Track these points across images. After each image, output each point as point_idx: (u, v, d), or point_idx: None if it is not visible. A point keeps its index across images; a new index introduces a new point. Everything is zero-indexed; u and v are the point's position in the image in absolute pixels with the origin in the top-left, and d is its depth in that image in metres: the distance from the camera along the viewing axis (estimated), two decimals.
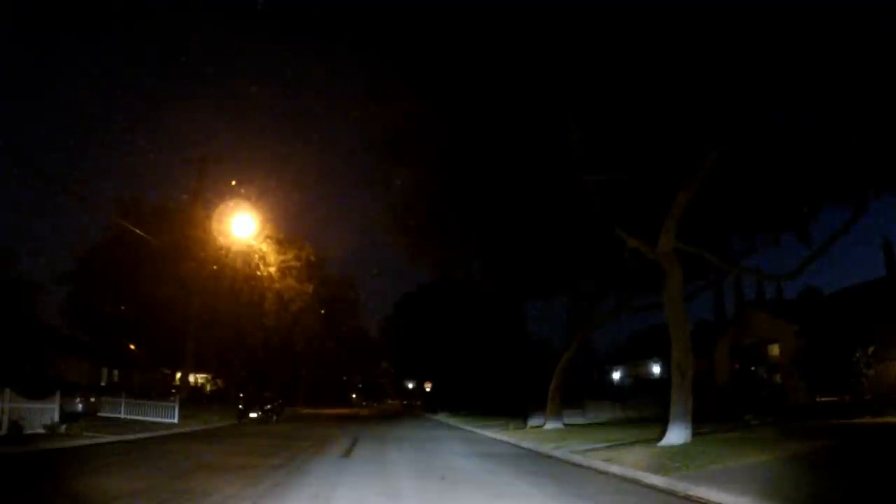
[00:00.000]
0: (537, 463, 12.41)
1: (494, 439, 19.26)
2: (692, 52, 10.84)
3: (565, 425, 21.36)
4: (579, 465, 11.68)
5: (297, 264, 35.72)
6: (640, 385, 37.46)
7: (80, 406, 18.71)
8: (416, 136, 14.84)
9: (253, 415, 26.76)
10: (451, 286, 38.99)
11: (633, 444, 13.41)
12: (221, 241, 27.11)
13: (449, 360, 44.89)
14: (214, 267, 29.55)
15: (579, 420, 23.74)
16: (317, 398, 58.06)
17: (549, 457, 13.52)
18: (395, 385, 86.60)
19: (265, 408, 28.05)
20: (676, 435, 12.27)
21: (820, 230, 16.27)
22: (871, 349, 19.37)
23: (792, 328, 24.61)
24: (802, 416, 17.53)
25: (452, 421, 31.63)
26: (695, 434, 12.50)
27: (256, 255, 32.40)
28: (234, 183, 25.99)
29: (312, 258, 38.64)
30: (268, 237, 31.99)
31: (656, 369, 38.17)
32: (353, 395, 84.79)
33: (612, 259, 17.68)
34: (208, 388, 45.75)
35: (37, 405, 14.85)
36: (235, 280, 33.02)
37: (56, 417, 15.12)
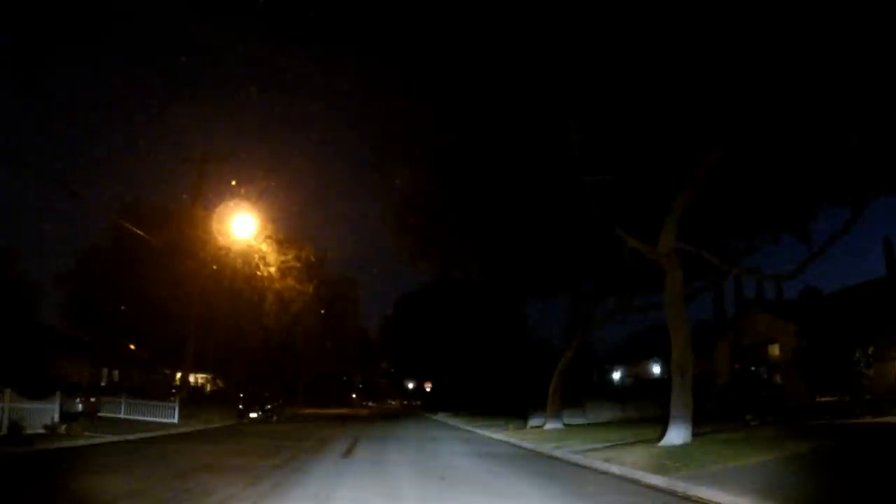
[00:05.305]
0: (537, 463, 12.42)
1: (494, 439, 19.27)
2: (692, 53, 10.85)
3: (565, 425, 21.37)
4: (579, 465, 11.70)
5: (298, 265, 35.70)
6: (640, 385, 37.46)
7: (80, 406, 18.67)
8: (416, 136, 14.86)
9: (253, 415, 26.81)
10: (451, 286, 38.93)
11: (632, 444, 13.42)
12: (221, 241, 27.09)
13: (449, 360, 44.88)
14: (214, 267, 29.50)
15: (579, 420, 23.73)
16: (317, 398, 58.00)
17: (550, 457, 13.53)
18: (395, 385, 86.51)
19: (265, 408, 28.12)
20: (676, 435, 12.28)
21: (820, 230, 16.21)
22: (870, 349, 19.30)
23: (792, 328, 24.59)
24: (802, 416, 17.52)
25: (452, 421, 31.64)
26: (695, 434, 12.50)
27: (256, 256, 32.36)
28: (234, 183, 26.03)
29: (312, 258, 38.64)
30: (268, 237, 31.96)
31: (656, 369, 38.15)
32: (353, 395, 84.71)
33: (612, 259, 17.69)
34: (208, 388, 45.65)
35: (37, 405, 14.84)
36: (235, 280, 32.98)
37: (56, 417, 15.11)
